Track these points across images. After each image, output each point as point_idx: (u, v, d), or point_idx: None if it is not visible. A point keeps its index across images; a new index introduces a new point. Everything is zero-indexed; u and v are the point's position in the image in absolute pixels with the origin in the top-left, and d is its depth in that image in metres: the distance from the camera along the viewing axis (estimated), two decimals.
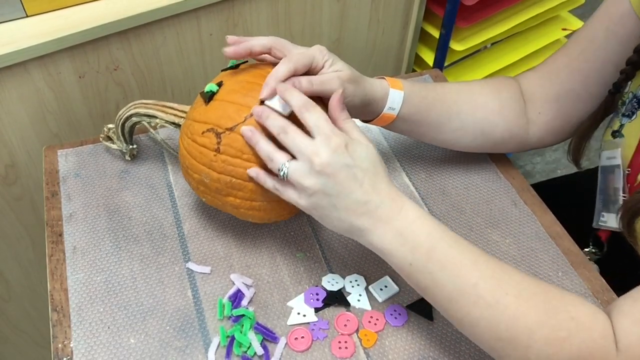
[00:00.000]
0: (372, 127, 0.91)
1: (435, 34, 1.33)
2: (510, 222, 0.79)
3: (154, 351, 0.63)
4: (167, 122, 0.74)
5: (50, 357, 0.63)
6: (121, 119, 0.77)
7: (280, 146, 0.59)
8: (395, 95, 0.71)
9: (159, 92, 1.03)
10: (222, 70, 0.70)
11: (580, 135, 0.75)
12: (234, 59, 0.68)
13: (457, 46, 1.31)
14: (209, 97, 0.66)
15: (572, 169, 0.77)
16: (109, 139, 0.82)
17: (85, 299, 0.67)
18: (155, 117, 0.75)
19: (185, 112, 0.74)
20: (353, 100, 0.67)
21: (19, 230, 1.04)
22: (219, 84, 0.67)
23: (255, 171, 0.62)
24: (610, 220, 0.69)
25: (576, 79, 0.74)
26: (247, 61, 0.70)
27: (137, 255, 0.72)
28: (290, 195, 0.59)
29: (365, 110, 0.71)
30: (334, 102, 0.61)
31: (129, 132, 0.80)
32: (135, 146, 0.82)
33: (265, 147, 0.59)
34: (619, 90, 0.70)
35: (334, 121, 0.59)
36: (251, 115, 0.62)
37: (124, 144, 0.81)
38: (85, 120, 0.98)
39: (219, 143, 0.63)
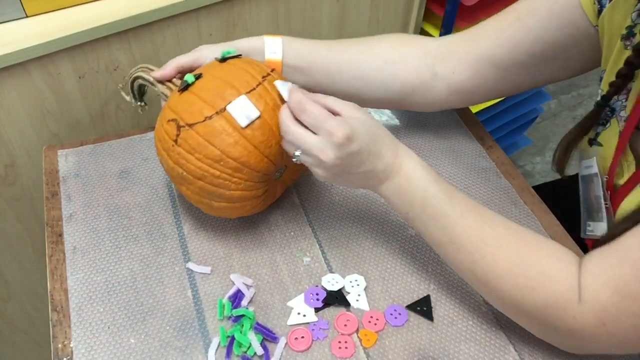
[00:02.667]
0: None
1: (435, 34, 1.33)
2: None
3: (154, 351, 0.63)
4: (162, 93, 0.74)
5: (50, 357, 0.63)
6: (131, 76, 0.78)
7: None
8: (272, 41, 0.74)
9: None
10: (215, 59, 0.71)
11: (565, 145, 0.73)
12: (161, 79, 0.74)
13: None
14: (183, 87, 0.67)
15: (574, 170, 0.77)
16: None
17: (85, 299, 0.67)
18: (153, 85, 0.76)
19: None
20: None
21: (19, 230, 1.04)
22: (198, 76, 0.67)
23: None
24: (596, 229, 0.69)
25: (502, 45, 0.72)
26: (240, 55, 0.71)
27: (137, 255, 0.72)
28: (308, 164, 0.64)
29: None
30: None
31: (138, 91, 0.80)
32: (144, 104, 0.83)
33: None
34: (607, 103, 0.67)
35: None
36: (211, 117, 0.63)
37: (133, 100, 0.82)
38: (85, 120, 0.98)
39: (177, 135, 0.64)
